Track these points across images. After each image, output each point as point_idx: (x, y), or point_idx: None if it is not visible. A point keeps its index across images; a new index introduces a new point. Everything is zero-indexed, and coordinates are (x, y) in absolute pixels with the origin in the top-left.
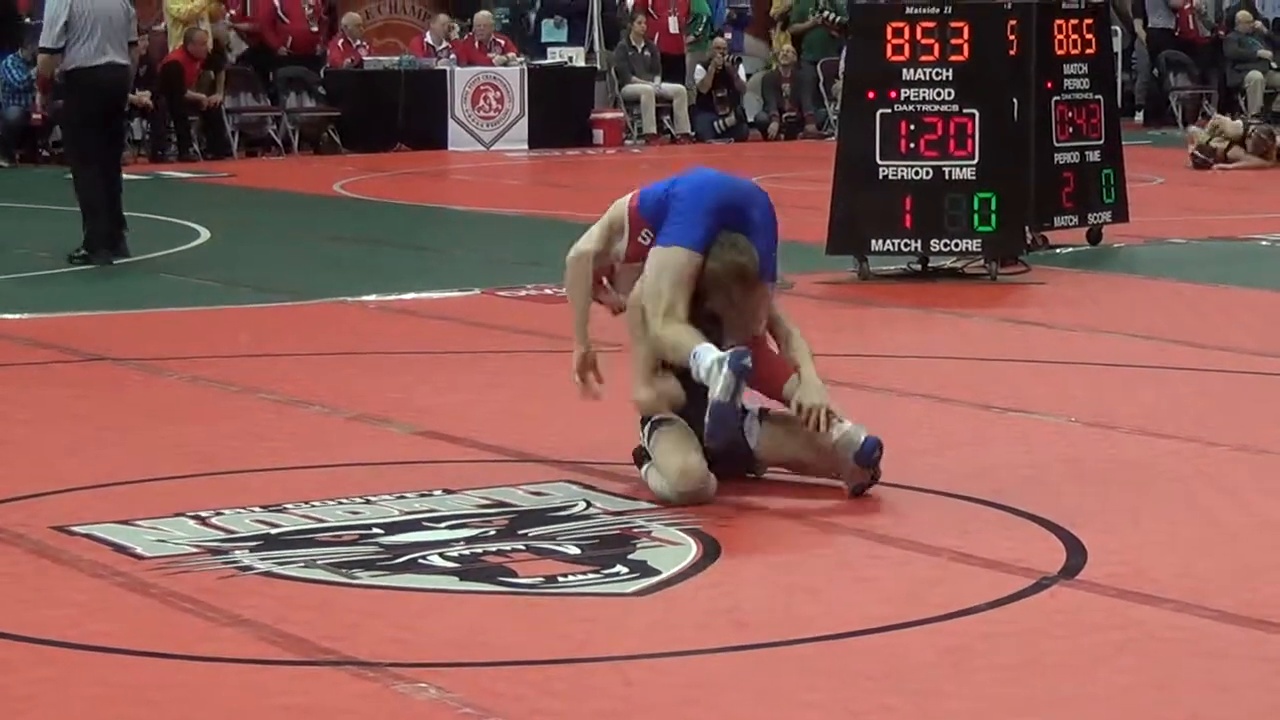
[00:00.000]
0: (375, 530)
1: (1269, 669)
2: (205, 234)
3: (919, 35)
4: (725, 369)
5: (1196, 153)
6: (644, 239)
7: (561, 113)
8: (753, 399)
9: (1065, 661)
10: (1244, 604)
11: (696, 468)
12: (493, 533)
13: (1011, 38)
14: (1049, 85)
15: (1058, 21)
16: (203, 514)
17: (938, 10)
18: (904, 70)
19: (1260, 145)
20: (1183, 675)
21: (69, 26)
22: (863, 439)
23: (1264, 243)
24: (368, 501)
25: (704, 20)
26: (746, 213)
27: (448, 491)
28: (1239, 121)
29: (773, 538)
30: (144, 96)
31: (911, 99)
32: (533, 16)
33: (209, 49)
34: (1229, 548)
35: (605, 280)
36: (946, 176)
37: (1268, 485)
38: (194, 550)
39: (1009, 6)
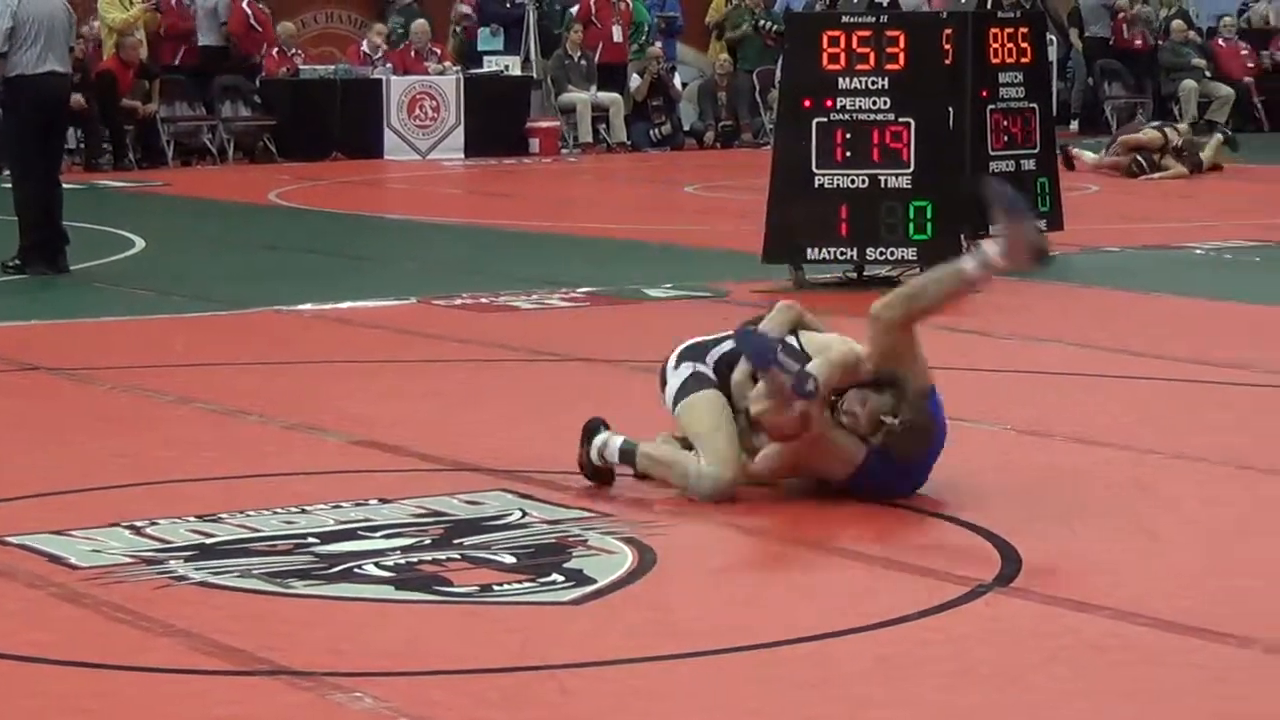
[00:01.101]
0: (310, 540)
1: (1203, 676)
2: (140, 243)
3: (855, 44)
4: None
5: (1137, 158)
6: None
7: (497, 122)
8: None
9: (1000, 670)
10: (1179, 612)
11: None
12: (428, 542)
13: (947, 47)
14: (984, 94)
15: (993, 30)
16: (138, 524)
17: (873, 19)
18: (840, 79)
19: (1189, 156)
20: (1117, 683)
21: (13, 32)
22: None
23: (1198, 251)
24: (303, 511)
25: (645, 29)
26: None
27: (383, 501)
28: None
29: (709, 546)
30: (79, 100)
31: (847, 108)
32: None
33: (142, 58)
34: (1164, 556)
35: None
36: (882, 185)
37: (1203, 493)
38: (129, 560)
39: (944, 16)
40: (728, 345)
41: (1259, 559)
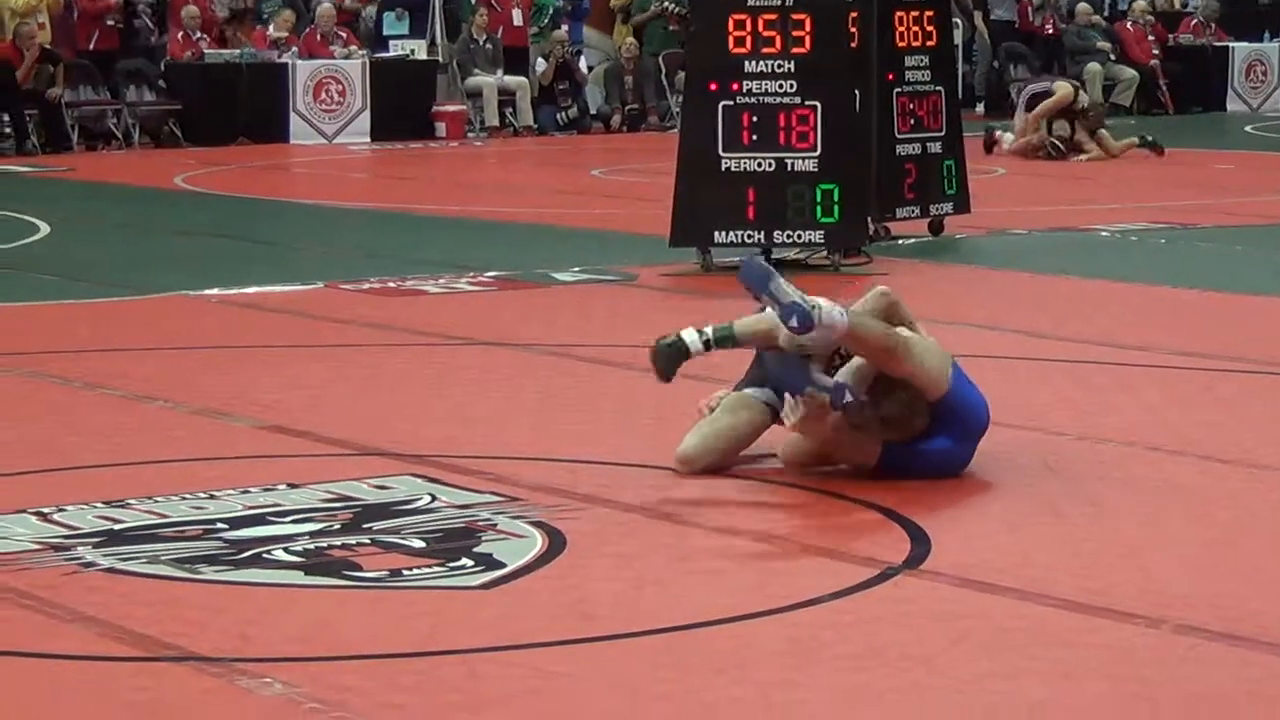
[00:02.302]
0: (219, 525)
1: (1109, 656)
2: (44, 228)
3: (761, 27)
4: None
5: (1054, 142)
6: None
7: (403, 106)
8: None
9: (910, 651)
10: (1086, 592)
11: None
12: (337, 527)
13: (853, 30)
14: (890, 77)
15: (899, 14)
16: (44, 510)
17: (779, 3)
18: (746, 62)
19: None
20: (1026, 663)
21: None
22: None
23: (1103, 233)
24: (211, 496)
25: (548, 12)
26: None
27: (292, 486)
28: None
29: (619, 529)
30: None
31: (754, 91)
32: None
33: (40, 43)
34: (1070, 537)
35: None
36: (789, 168)
37: (1109, 474)
38: (36, 547)
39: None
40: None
41: (1167, 539)
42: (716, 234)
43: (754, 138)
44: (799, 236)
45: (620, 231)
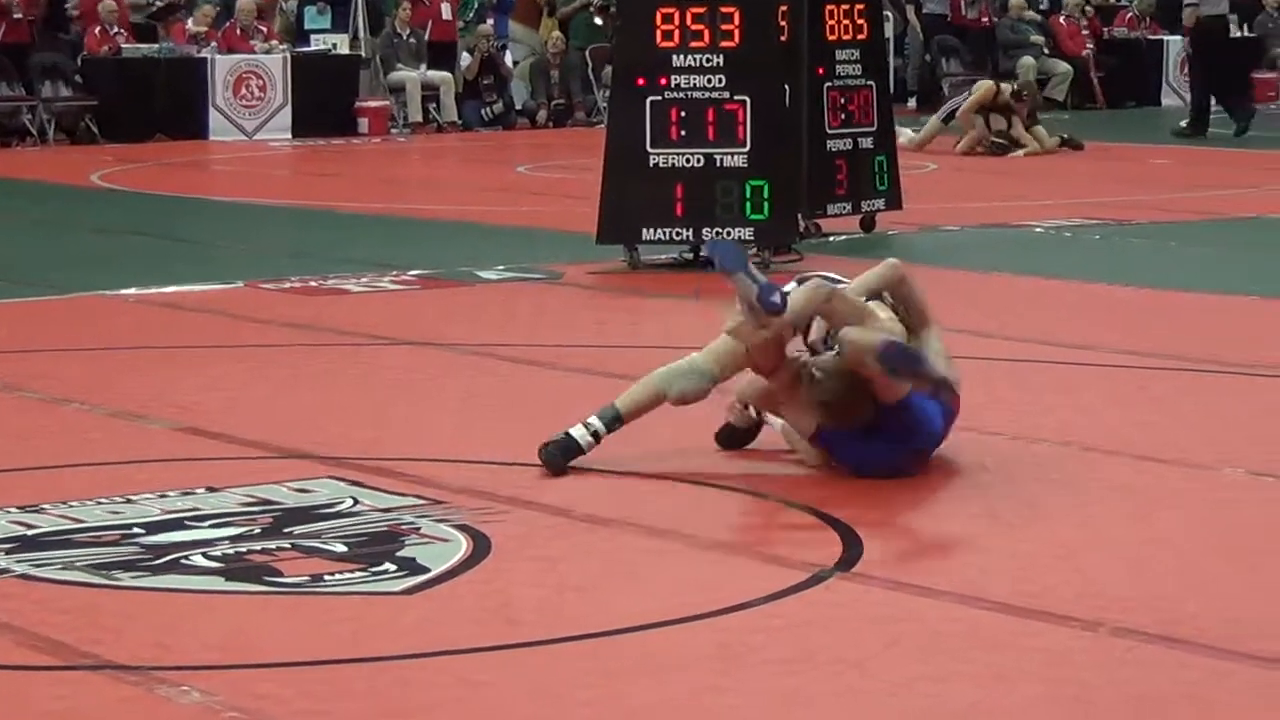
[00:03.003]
0: (136, 530)
1: (1045, 659)
2: None
3: (689, 21)
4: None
5: (995, 141)
6: None
7: (325, 101)
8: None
9: (842, 655)
10: (1022, 595)
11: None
12: (257, 531)
13: (782, 24)
14: (820, 71)
15: (829, 7)
16: None
17: None
18: (674, 56)
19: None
20: (960, 666)
21: None
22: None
23: (1037, 229)
24: (128, 501)
25: (473, 6)
26: None
27: (211, 489)
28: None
29: (544, 533)
30: None
31: (682, 86)
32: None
33: None
34: (1005, 539)
35: None
36: (718, 164)
37: (1045, 475)
38: None
39: None
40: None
41: (1104, 541)
42: (644, 231)
43: (682, 133)
44: (728, 234)
45: (546, 229)
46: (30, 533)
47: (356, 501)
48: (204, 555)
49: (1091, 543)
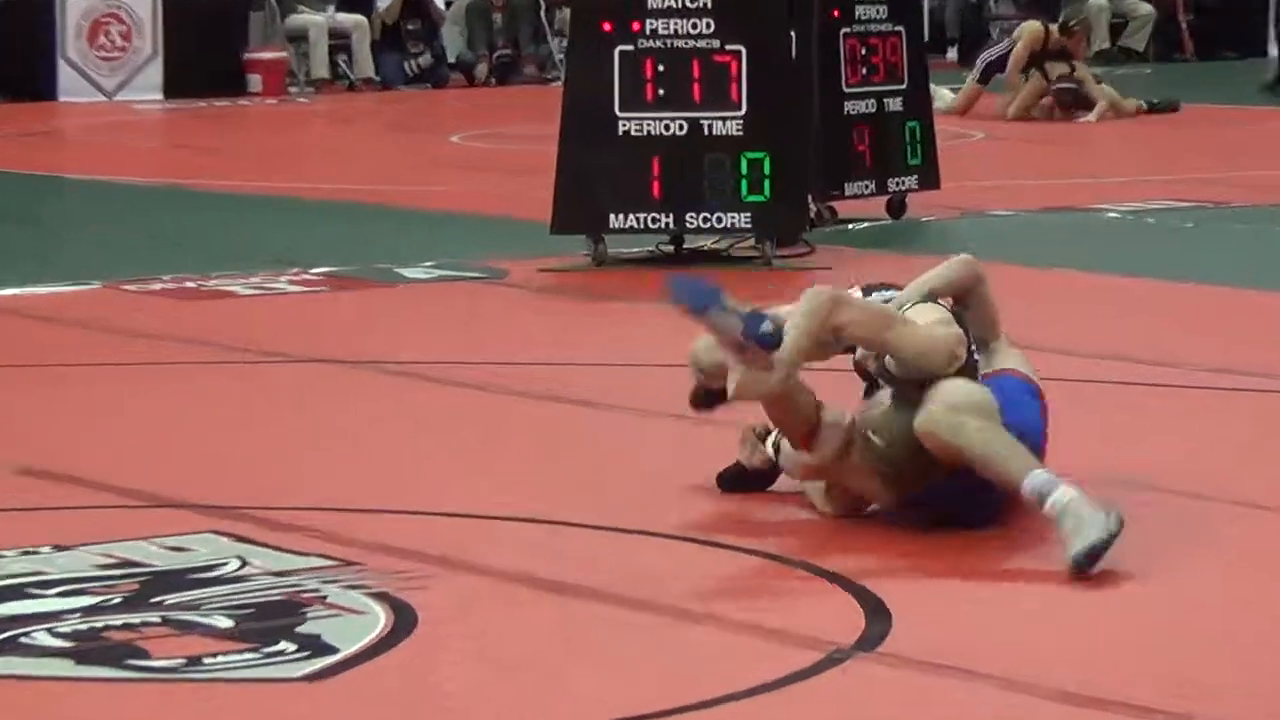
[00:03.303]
0: None
1: None
2: None
3: None
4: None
5: (1062, 86)
6: None
7: (207, 52)
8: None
9: None
10: (1088, 682)
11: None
12: (118, 601)
13: None
14: (835, 14)
15: None
16: None
17: None
18: None
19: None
20: None
21: None
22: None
23: (1111, 214)
24: None
25: None
26: None
27: (58, 548)
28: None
29: (486, 601)
30: None
31: (660, 32)
32: None
33: None
34: (1072, 608)
35: None
36: (706, 132)
37: (1131, 526)
38: None
39: None
40: None
41: (1196, 612)
42: (612, 217)
43: (660, 92)
44: (719, 220)
45: (486, 215)
46: None
47: (245, 562)
48: (49, 632)
49: (1182, 614)
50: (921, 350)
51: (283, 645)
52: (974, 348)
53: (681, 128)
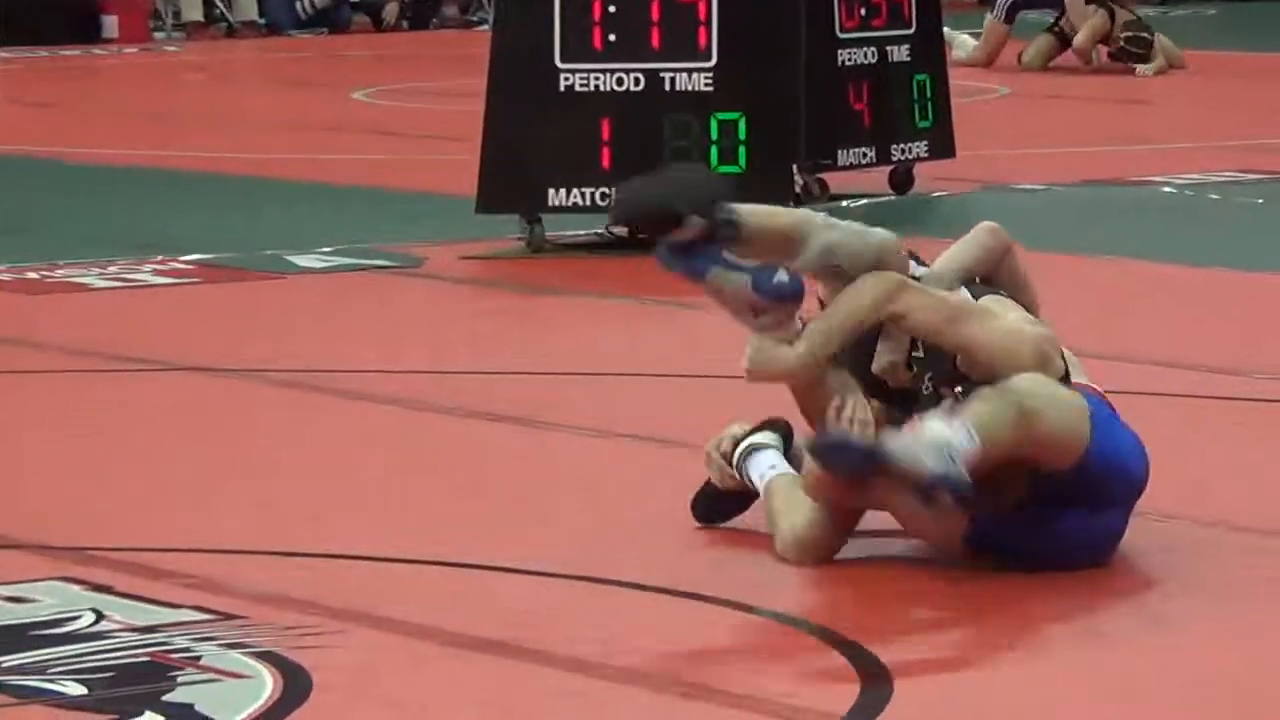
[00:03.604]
0: None
1: None
2: None
3: None
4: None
5: (1125, 43)
6: None
7: None
8: None
9: None
10: None
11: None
12: None
13: None
14: None
15: None
16: None
17: None
18: None
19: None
20: None
21: None
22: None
23: (1166, 189)
24: None
25: None
26: None
27: None
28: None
29: (394, 663)
30: None
31: None
32: None
33: None
34: (1111, 670)
35: None
36: (668, 87)
37: (1177, 569)
38: None
39: None
40: None
41: (1265, 671)
42: (551, 193)
43: (611, 38)
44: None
45: (398, 190)
46: None
47: (101, 616)
48: None
49: (1246, 674)
50: (1007, 348)
51: (148, 717)
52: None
53: (637, 82)
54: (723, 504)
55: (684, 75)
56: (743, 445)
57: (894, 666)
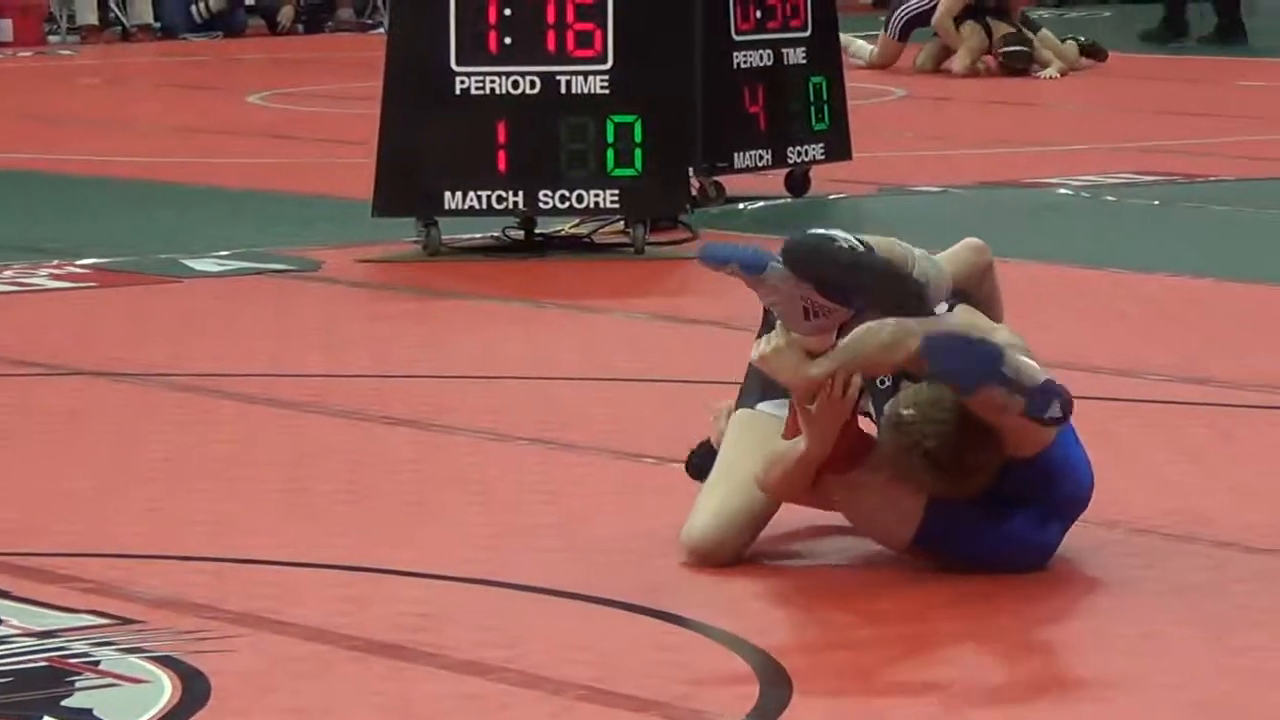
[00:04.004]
0: None
1: None
2: None
3: None
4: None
5: (1011, 51)
6: None
7: None
8: None
9: None
10: None
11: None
12: None
13: None
14: None
15: None
16: None
17: None
18: None
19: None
20: None
21: None
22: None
23: (1062, 190)
24: None
25: None
26: None
27: None
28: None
29: (294, 667)
30: None
31: None
32: None
33: None
34: (1028, 666)
35: None
36: (564, 90)
37: (1098, 570)
38: None
39: None
40: None
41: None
42: (448, 196)
43: (506, 41)
44: (579, 199)
45: (294, 193)
46: None
47: None
48: None
49: (1149, 681)
50: None
51: None
52: None
53: (533, 85)
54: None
55: (580, 78)
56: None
57: (793, 669)
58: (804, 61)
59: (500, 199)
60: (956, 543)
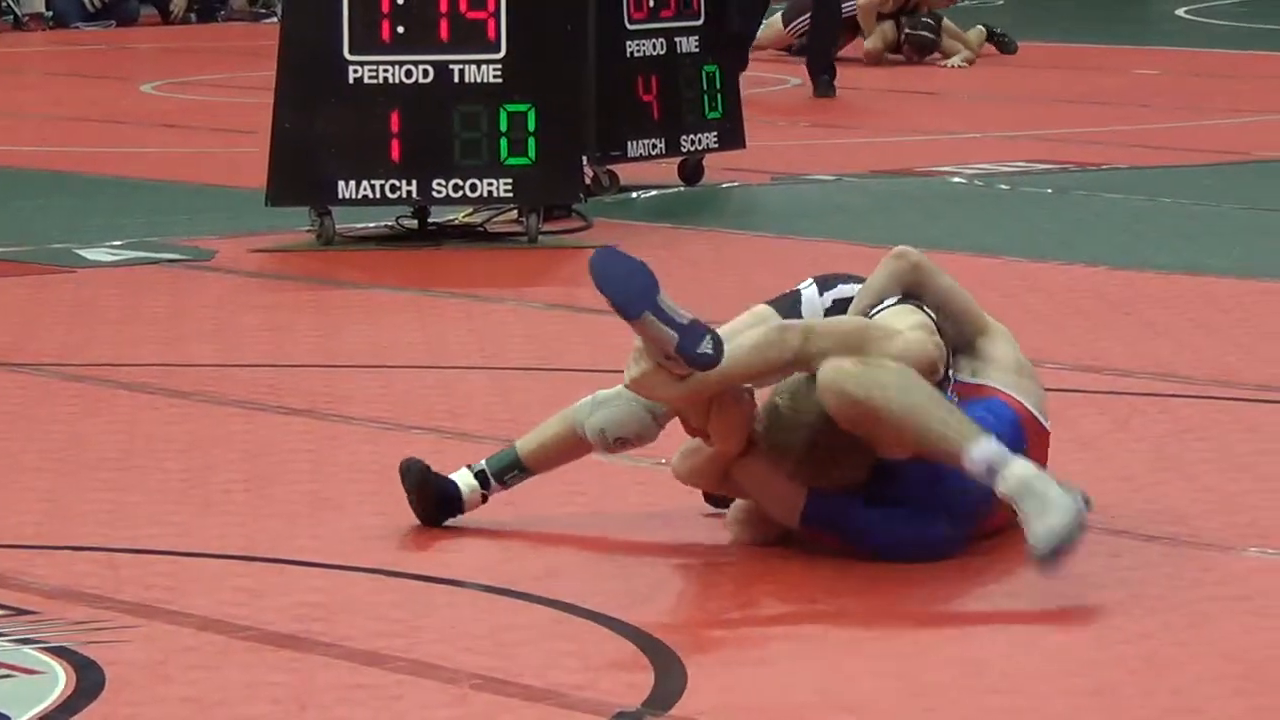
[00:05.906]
0: None
1: None
2: None
3: None
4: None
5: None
6: None
7: None
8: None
9: None
10: None
11: None
12: None
13: None
14: None
15: None
16: None
17: None
18: None
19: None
20: None
21: None
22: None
23: (956, 179)
24: None
25: None
26: None
27: None
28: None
29: (190, 658)
30: None
31: None
32: None
33: None
34: (891, 679)
35: None
36: (457, 79)
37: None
38: None
39: None
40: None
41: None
42: (341, 185)
43: (400, 30)
44: (472, 188)
45: (187, 183)
46: None
47: None
48: None
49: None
50: (898, 356)
51: None
52: (950, 371)
53: (426, 74)
54: None
55: (473, 67)
56: None
57: (688, 657)
58: (697, 50)
59: (394, 188)
60: (842, 529)
